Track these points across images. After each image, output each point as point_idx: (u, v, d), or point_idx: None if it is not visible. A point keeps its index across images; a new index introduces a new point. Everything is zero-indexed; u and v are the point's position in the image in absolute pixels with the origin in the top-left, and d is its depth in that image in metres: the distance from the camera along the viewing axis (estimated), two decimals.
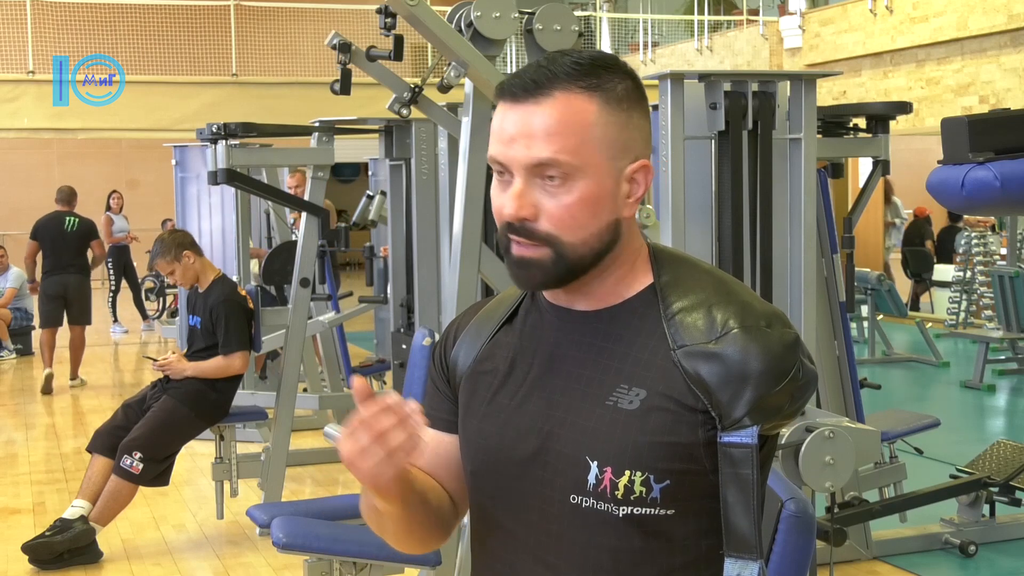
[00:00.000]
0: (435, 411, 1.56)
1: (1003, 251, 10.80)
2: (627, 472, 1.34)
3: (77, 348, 9.39)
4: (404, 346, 5.25)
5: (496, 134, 1.39)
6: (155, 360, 5.17)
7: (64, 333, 9.36)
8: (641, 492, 1.34)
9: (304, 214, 5.75)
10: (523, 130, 1.35)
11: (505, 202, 1.38)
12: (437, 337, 3.69)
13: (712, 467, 1.35)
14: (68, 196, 9.50)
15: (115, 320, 13.00)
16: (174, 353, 5.31)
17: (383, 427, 1.27)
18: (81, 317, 9.32)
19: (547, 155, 1.34)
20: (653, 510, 1.35)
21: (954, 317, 11.04)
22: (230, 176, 5.52)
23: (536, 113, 1.35)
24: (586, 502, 1.36)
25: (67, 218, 9.34)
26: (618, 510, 1.35)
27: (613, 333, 1.41)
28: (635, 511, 1.35)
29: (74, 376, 9.48)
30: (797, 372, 1.35)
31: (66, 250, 9.22)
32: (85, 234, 9.34)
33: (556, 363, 1.43)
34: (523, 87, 1.36)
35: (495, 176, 1.41)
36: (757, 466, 1.33)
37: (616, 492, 1.34)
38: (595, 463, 1.35)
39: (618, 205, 1.39)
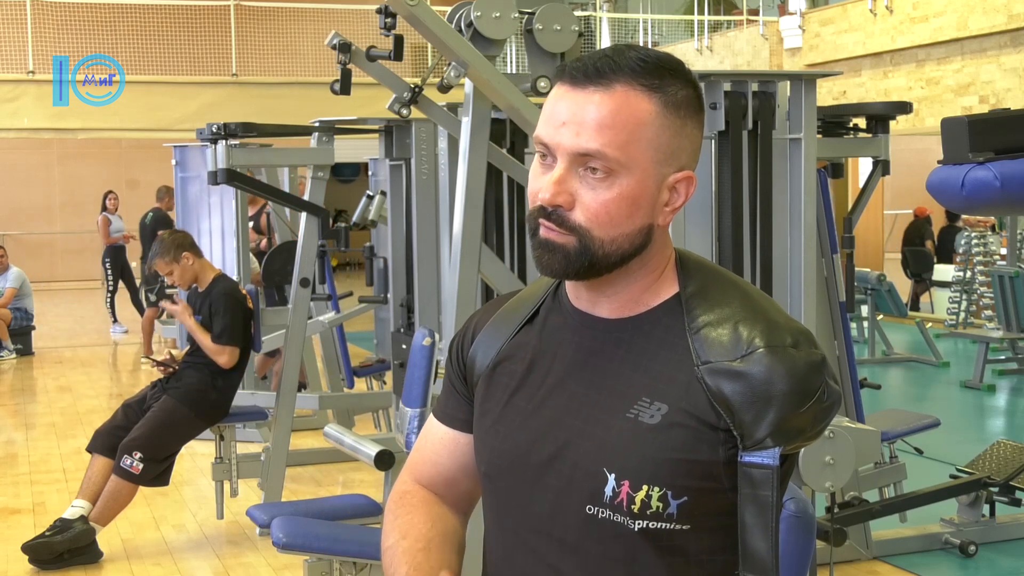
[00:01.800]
0: (451, 410, 1.55)
1: (1003, 251, 10.80)
2: (645, 487, 1.32)
3: (145, 329, 10.66)
4: (404, 346, 5.25)
5: (547, 116, 1.36)
6: (155, 361, 5.17)
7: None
8: (658, 507, 1.32)
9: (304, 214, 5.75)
10: (575, 117, 1.32)
11: (543, 186, 1.34)
12: (437, 337, 3.69)
13: (731, 485, 1.33)
14: (160, 194, 11.36)
15: (114, 320, 12.99)
16: (171, 352, 5.30)
17: None
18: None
19: (595, 147, 1.31)
20: (669, 525, 1.33)
21: (954, 317, 11.04)
22: (230, 176, 5.52)
23: (592, 102, 1.32)
24: (602, 513, 1.34)
25: (149, 213, 11.23)
26: (633, 523, 1.33)
27: (636, 344, 1.38)
28: (651, 525, 1.33)
29: (146, 355, 10.38)
30: (822, 394, 1.32)
31: (145, 241, 10.92)
32: (155, 227, 10.65)
33: (576, 369, 1.41)
34: (584, 73, 1.33)
35: (537, 157, 1.38)
36: (777, 488, 1.32)
37: (633, 506, 1.33)
38: (613, 476, 1.33)
39: (655, 211, 1.36)
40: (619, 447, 1.34)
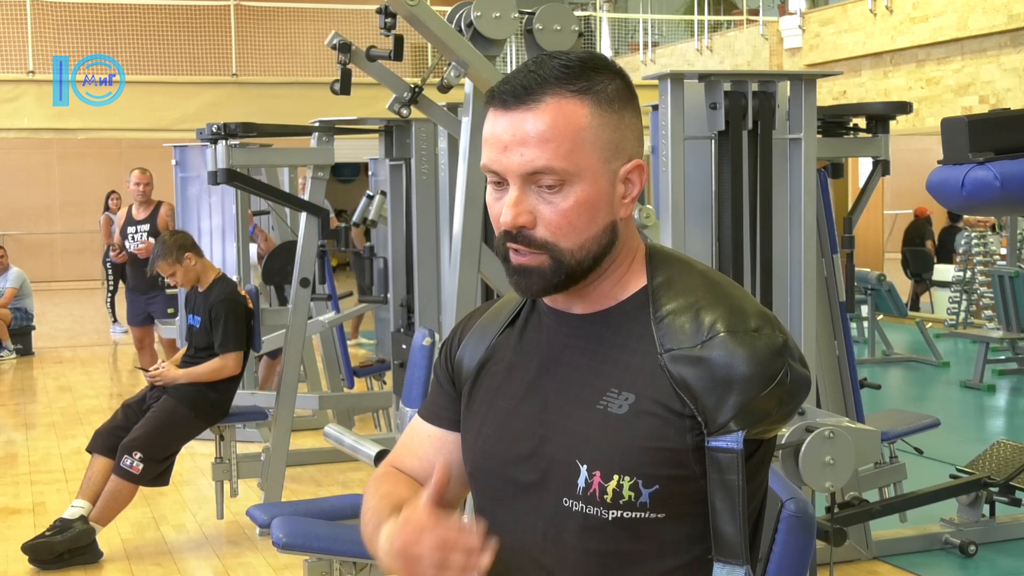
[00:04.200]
0: (440, 409, 1.57)
1: (1003, 251, 10.80)
2: (616, 476, 1.34)
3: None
4: (404, 346, 5.25)
5: (489, 142, 1.38)
6: (147, 370, 5.18)
7: None
8: (630, 496, 1.34)
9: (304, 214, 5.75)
10: (516, 138, 1.35)
11: (502, 211, 1.37)
12: (437, 337, 3.70)
13: (701, 472, 1.35)
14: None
15: (114, 320, 13.00)
16: (164, 361, 5.29)
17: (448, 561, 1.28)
18: None
19: (542, 163, 1.34)
20: (643, 514, 1.35)
21: (954, 317, 11.04)
22: (230, 176, 5.52)
23: (528, 120, 1.34)
24: (576, 505, 1.36)
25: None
26: (607, 514, 1.35)
27: (606, 337, 1.41)
28: (625, 515, 1.35)
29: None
30: (784, 376, 1.33)
31: None
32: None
33: (551, 366, 1.43)
34: (513, 94, 1.35)
35: (490, 185, 1.41)
36: (743, 471, 1.33)
37: (605, 496, 1.34)
38: (585, 467, 1.35)
39: (614, 207, 1.38)
40: (589, 438, 1.36)
